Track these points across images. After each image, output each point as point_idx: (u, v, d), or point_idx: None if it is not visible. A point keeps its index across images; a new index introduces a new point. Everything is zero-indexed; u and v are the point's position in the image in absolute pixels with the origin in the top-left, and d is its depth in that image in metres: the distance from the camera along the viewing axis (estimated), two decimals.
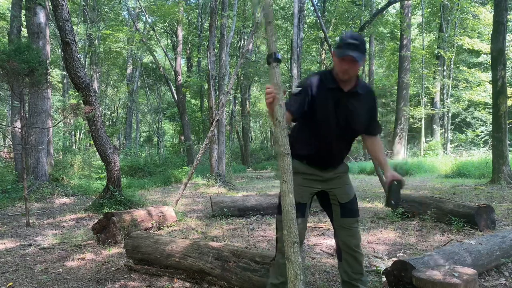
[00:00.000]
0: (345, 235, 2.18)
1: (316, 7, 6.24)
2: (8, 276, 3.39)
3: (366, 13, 18.93)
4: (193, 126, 23.60)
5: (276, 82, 1.78)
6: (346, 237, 2.18)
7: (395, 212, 5.19)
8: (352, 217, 2.20)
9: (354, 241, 2.19)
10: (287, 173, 1.65)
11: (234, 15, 12.69)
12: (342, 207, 2.19)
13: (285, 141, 1.69)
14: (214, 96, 11.68)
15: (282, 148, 1.68)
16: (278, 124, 1.72)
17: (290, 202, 1.59)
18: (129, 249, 3.41)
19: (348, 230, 2.18)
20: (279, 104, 1.74)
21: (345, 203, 2.19)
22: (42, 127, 8.50)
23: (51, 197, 8.09)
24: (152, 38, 20.36)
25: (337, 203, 2.20)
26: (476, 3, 17.94)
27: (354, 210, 2.22)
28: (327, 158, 2.18)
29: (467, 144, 17.86)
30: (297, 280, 1.48)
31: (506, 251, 3.05)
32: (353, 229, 2.19)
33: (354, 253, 2.18)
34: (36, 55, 5.87)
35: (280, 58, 1.81)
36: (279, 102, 1.75)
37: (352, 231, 2.18)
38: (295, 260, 1.51)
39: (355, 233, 2.19)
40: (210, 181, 10.84)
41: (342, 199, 2.19)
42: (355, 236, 2.19)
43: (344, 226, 2.19)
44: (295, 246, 1.55)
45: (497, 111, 8.62)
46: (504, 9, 8.66)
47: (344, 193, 2.21)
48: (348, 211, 2.19)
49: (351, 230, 2.18)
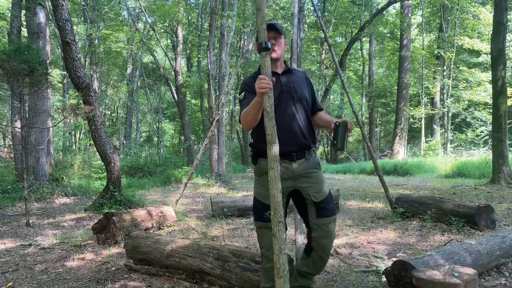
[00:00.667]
0: (321, 236, 2.18)
1: (316, 7, 6.24)
2: (8, 276, 3.39)
3: (366, 13, 18.93)
4: (193, 126, 23.60)
5: (266, 72, 1.86)
6: (321, 239, 2.19)
7: (395, 212, 5.19)
8: (329, 217, 2.19)
9: (329, 244, 2.21)
10: (274, 160, 1.77)
11: (234, 15, 12.69)
12: (317, 206, 2.18)
13: (273, 130, 1.80)
14: (214, 96, 11.68)
15: (270, 137, 1.79)
16: (266, 114, 1.82)
17: (276, 187, 1.75)
18: (129, 249, 3.41)
19: (325, 231, 2.18)
20: (267, 95, 1.83)
21: (320, 201, 2.19)
22: (42, 127, 8.50)
23: (51, 197, 8.09)
24: (152, 38, 20.36)
25: (311, 202, 2.19)
26: (476, 3, 17.93)
27: (330, 209, 2.22)
28: (291, 142, 2.19)
29: (467, 144, 17.86)
30: (281, 254, 1.69)
31: (506, 251, 3.05)
32: (329, 229, 2.19)
33: (324, 255, 2.22)
34: (36, 55, 5.87)
35: (269, 47, 1.87)
36: (268, 93, 1.83)
37: (328, 232, 2.19)
38: (279, 237, 1.70)
39: (330, 233, 2.20)
40: (210, 181, 10.84)
41: (315, 198, 2.19)
42: (330, 237, 2.20)
43: (321, 226, 2.18)
44: (280, 225, 1.72)
45: (497, 111, 8.62)
46: (504, 9, 8.65)
47: (317, 192, 2.20)
48: (324, 210, 2.19)
49: (327, 231, 2.19)
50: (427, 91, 20.08)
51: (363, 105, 22.96)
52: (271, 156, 1.77)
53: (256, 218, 2.21)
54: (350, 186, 9.84)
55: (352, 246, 3.98)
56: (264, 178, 2.18)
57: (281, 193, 1.77)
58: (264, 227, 2.14)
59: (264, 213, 2.12)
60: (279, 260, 1.68)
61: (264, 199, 2.15)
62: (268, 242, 2.11)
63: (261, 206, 2.17)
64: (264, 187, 2.16)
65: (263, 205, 2.16)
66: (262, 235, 2.17)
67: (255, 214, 2.22)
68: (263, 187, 2.17)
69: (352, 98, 5.83)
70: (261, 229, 2.17)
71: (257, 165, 2.27)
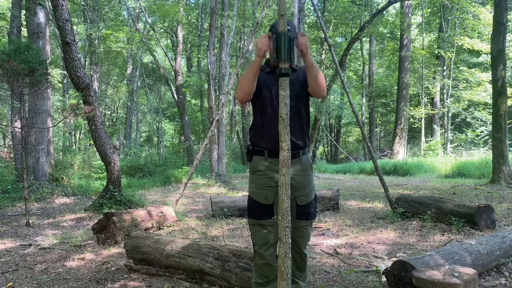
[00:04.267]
0: (298, 235, 2.24)
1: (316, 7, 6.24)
2: (8, 276, 3.39)
3: (366, 13, 18.92)
4: (193, 126, 23.58)
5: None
6: (298, 238, 2.25)
7: (395, 212, 5.19)
8: (306, 220, 2.26)
9: (304, 242, 2.29)
10: (285, 166, 1.78)
11: (234, 15, 12.68)
12: (299, 209, 2.22)
13: (287, 138, 1.80)
14: (214, 96, 11.67)
15: (283, 144, 1.79)
16: (282, 121, 1.82)
17: (286, 193, 1.77)
18: (129, 249, 3.41)
19: (301, 231, 2.25)
20: (284, 102, 1.82)
21: (303, 205, 2.23)
22: (42, 127, 8.49)
23: (51, 197, 8.08)
24: (152, 38, 20.34)
25: (295, 204, 2.21)
26: (476, 3, 17.92)
27: (310, 213, 2.27)
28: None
29: (467, 144, 17.87)
30: (286, 257, 1.72)
31: (506, 251, 3.05)
32: (305, 231, 2.27)
33: (301, 252, 2.28)
34: (36, 55, 5.87)
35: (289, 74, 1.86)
36: (284, 100, 1.81)
37: (304, 233, 2.27)
38: (286, 241, 1.73)
39: (306, 234, 2.29)
40: (210, 181, 10.84)
41: (300, 201, 2.22)
42: (306, 237, 2.29)
43: (298, 227, 2.23)
44: (286, 229, 1.73)
45: (497, 111, 8.62)
46: (504, 9, 8.66)
47: (303, 195, 2.23)
48: (304, 214, 2.24)
49: (303, 232, 2.26)
50: (427, 91, 20.08)
51: (363, 105, 22.96)
52: (282, 161, 1.78)
53: (249, 215, 2.24)
54: (350, 186, 9.84)
55: (352, 246, 3.98)
56: (257, 176, 2.23)
57: (289, 198, 1.78)
58: (257, 224, 2.18)
59: (259, 212, 2.17)
60: (284, 263, 1.71)
61: (257, 197, 2.19)
62: (261, 240, 2.16)
63: (253, 203, 2.21)
64: (257, 185, 2.21)
65: (255, 202, 2.20)
66: (255, 232, 2.20)
67: (248, 212, 2.26)
68: (256, 185, 2.21)
69: (352, 98, 5.83)
70: (254, 226, 2.20)
71: (252, 162, 2.29)
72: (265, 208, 2.16)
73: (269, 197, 2.18)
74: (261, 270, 2.18)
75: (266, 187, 2.18)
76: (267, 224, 2.15)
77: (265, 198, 2.17)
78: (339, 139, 26.89)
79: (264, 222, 2.15)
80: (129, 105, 21.06)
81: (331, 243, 4.10)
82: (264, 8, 7.32)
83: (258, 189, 2.20)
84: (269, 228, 2.15)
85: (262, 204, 2.17)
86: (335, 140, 25.13)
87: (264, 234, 2.15)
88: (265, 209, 2.16)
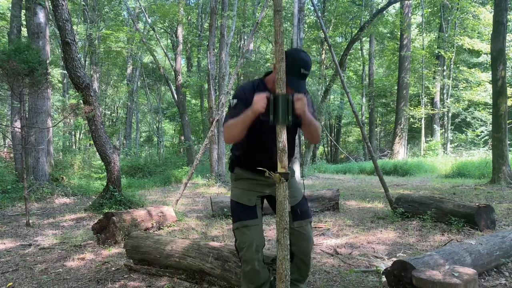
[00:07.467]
0: (299, 239, 2.22)
1: (316, 7, 6.24)
2: (8, 276, 3.39)
3: (366, 13, 18.92)
4: (193, 126, 23.57)
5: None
6: (300, 242, 2.23)
7: (395, 212, 5.19)
8: (304, 219, 2.25)
9: (307, 247, 2.25)
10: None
11: (234, 15, 12.68)
12: (292, 210, 2.21)
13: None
14: (214, 96, 11.68)
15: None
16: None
17: (284, 195, 1.78)
18: (129, 249, 3.41)
19: (302, 233, 2.23)
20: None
21: (294, 206, 2.23)
22: (42, 127, 8.49)
23: (51, 197, 8.08)
24: (152, 38, 20.34)
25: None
26: (476, 3, 17.93)
27: (305, 212, 2.27)
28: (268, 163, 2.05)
29: (467, 144, 17.87)
30: (285, 260, 1.72)
31: (506, 251, 3.05)
32: (306, 232, 2.24)
33: (305, 258, 2.26)
34: (36, 55, 5.87)
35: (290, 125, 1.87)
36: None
37: (305, 234, 2.24)
38: (284, 243, 1.72)
39: (308, 237, 2.25)
40: (210, 181, 10.84)
41: (290, 202, 2.19)
42: (308, 240, 2.25)
43: (297, 229, 2.22)
44: (285, 231, 1.74)
45: (497, 111, 8.62)
46: (504, 9, 8.66)
47: (291, 197, 2.20)
48: (299, 213, 2.24)
49: (304, 233, 2.23)
50: (427, 91, 20.08)
51: (363, 105, 22.96)
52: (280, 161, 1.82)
53: (234, 219, 2.24)
54: (350, 186, 9.84)
55: (352, 246, 3.98)
56: (240, 181, 2.28)
57: (288, 200, 1.79)
58: (241, 226, 2.17)
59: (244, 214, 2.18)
60: (282, 265, 1.71)
61: (239, 199, 2.24)
62: (247, 241, 2.12)
63: (236, 206, 2.24)
64: (241, 189, 2.26)
65: (238, 204, 2.23)
66: (241, 235, 2.17)
67: (233, 216, 2.26)
68: (240, 189, 2.26)
69: (352, 98, 5.83)
70: (239, 229, 2.18)
71: (234, 172, 2.34)
72: (248, 209, 2.19)
73: (252, 199, 2.22)
74: (249, 277, 2.16)
75: (249, 190, 2.24)
76: (251, 224, 2.16)
77: (248, 199, 2.21)
78: (339, 139, 26.90)
79: (248, 223, 2.16)
80: (129, 105, 21.05)
81: (331, 243, 4.10)
82: (264, 8, 7.31)
83: (242, 191, 2.25)
84: (253, 229, 2.15)
85: (245, 206, 2.20)
86: (335, 140, 25.14)
87: (249, 236, 2.13)
88: (248, 210, 2.19)
